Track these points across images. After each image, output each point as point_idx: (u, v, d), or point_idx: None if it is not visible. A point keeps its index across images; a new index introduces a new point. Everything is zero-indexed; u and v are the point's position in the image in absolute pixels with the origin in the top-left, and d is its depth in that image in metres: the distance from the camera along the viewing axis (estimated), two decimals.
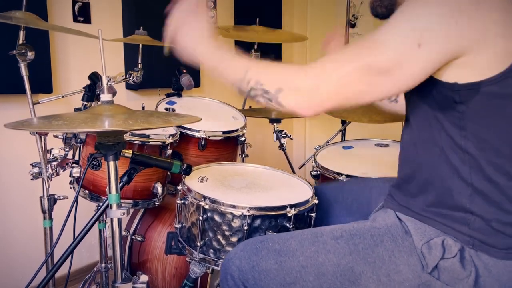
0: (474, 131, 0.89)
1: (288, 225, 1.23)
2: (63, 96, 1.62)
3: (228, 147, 1.95)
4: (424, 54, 0.83)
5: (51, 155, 1.51)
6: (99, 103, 1.30)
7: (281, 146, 2.38)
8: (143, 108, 1.88)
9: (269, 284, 0.98)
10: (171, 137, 1.63)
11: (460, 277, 0.91)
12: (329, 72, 0.90)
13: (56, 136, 1.58)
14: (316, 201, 1.30)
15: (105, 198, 1.50)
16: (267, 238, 1.05)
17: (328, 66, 0.91)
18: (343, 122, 2.61)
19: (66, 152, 1.57)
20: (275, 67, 0.97)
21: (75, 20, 2.22)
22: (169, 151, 1.63)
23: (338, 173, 1.66)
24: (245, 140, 1.97)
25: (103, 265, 1.76)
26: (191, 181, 1.38)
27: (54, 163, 1.50)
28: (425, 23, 0.83)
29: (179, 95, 2.05)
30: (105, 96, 1.03)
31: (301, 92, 0.92)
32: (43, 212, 1.54)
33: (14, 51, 1.40)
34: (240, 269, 1.01)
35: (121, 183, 1.20)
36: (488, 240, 0.90)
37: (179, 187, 1.35)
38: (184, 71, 1.96)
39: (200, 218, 1.24)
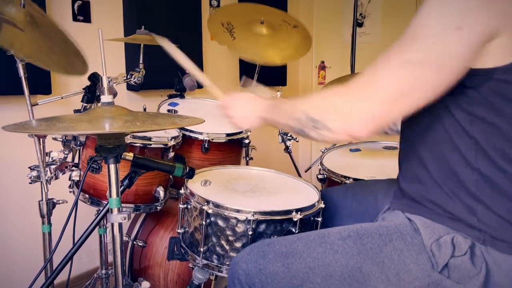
0: (482, 117, 0.88)
1: (293, 229, 1.21)
2: (62, 97, 1.59)
3: (232, 149, 1.93)
4: (465, 37, 0.80)
5: (50, 158, 1.50)
6: (99, 104, 1.28)
7: (287, 148, 2.36)
8: (144, 109, 1.86)
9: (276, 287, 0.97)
10: (173, 139, 1.61)
11: (470, 275, 0.90)
12: (375, 82, 0.87)
13: (55, 139, 1.56)
14: (322, 205, 1.29)
15: (106, 202, 1.49)
16: (273, 241, 1.04)
17: (372, 78, 0.88)
18: None
19: (66, 155, 1.55)
20: (321, 93, 0.98)
21: (75, 19, 2.21)
22: (171, 154, 1.61)
23: (345, 177, 1.64)
24: (249, 142, 1.97)
25: (103, 271, 1.76)
26: (194, 185, 1.36)
27: (53, 167, 1.49)
28: (462, 3, 0.80)
29: (182, 96, 2.05)
30: (105, 98, 1.02)
31: (351, 113, 0.88)
32: (42, 216, 1.51)
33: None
34: (247, 273, 1.00)
35: (122, 187, 1.20)
36: (498, 234, 0.89)
37: (182, 191, 1.34)
38: (187, 71, 1.93)
39: (203, 222, 1.22)
